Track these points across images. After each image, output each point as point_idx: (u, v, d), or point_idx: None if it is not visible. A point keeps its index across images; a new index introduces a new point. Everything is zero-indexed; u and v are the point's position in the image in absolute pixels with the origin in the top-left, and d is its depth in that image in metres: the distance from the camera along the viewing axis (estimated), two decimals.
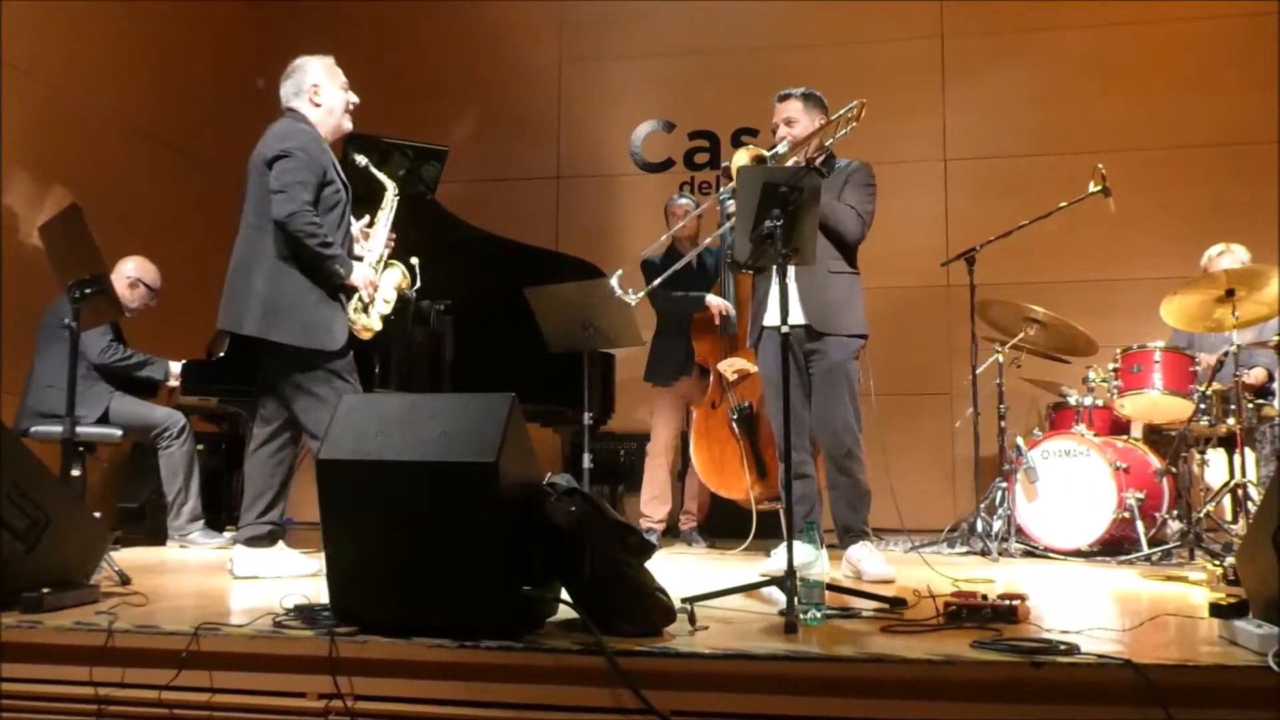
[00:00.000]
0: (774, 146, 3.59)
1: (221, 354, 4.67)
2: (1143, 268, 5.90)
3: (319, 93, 3.52)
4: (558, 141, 7.06)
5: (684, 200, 5.26)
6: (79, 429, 3.82)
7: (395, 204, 3.80)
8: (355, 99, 3.62)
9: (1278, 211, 5.38)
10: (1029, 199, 5.03)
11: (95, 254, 3.24)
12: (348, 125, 3.62)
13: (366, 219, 3.77)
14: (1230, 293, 4.24)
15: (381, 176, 3.82)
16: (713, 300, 4.83)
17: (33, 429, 4.45)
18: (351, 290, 3.52)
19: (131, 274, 4.87)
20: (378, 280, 3.62)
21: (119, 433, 4.61)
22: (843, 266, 3.67)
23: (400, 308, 3.76)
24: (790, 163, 3.51)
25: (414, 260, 3.83)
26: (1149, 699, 1.85)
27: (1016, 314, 4.82)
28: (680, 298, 4.92)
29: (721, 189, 5.49)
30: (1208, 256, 5.01)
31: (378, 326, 3.62)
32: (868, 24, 6.64)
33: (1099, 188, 4.71)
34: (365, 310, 3.58)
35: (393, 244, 3.79)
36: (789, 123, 3.72)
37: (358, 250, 3.68)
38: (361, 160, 3.81)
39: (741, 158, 3.35)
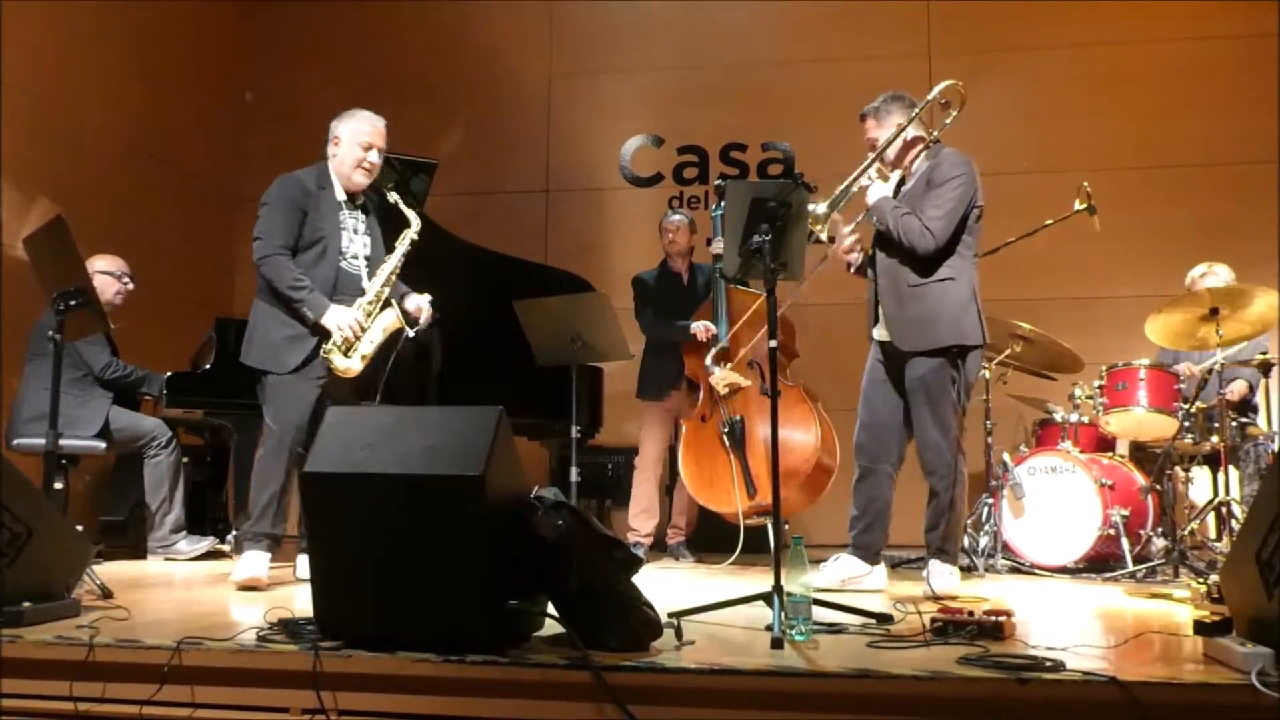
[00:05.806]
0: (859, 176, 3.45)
1: (207, 366, 4.65)
2: (1128, 285, 5.94)
3: (338, 145, 3.74)
4: (546, 155, 7.07)
5: (678, 216, 5.27)
6: (64, 441, 3.79)
7: (409, 243, 3.80)
8: (373, 160, 3.74)
9: (1278, 231, 5.42)
10: (1015, 216, 5.05)
11: (80, 266, 3.23)
12: (358, 180, 3.75)
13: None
14: (1214, 311, 4.27)
15: (409, 214, 3.83)
16: (696, 327, 4.84)
17: (15, 441, 4.42)
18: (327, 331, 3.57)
19: (111, 269, 4.80)
20: (364, 323, 3.63)
21: (102, 445, 4.57)
22: (921, 279, 3.43)
23: (388, 343, 3.71)
24: (890, 178, 3.52)
25: (426, 296, 3.81)
26: (1134, 716, 1.86)
27: (1003, 330, 4.84)
28: (667, 327, 4.96)
29: (712, 206, 5.54)
30: (1191, 277, 5.04)
31: (357, 368, 3.61)
32: (856, 41, 6.67)
33: (1084, 205, 4.74)
34: (346, 352, 3.59)
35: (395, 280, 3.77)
36: (871, 146, 3.55)
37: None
38: (393, 197, 3.86)
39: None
